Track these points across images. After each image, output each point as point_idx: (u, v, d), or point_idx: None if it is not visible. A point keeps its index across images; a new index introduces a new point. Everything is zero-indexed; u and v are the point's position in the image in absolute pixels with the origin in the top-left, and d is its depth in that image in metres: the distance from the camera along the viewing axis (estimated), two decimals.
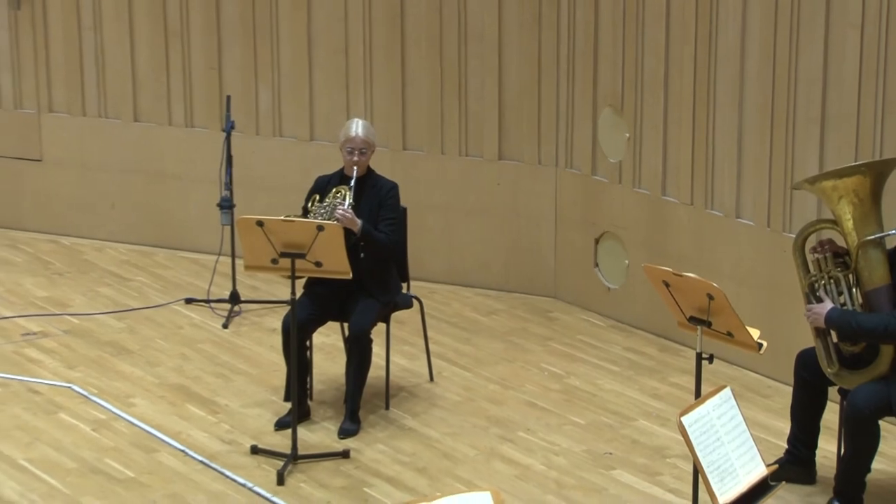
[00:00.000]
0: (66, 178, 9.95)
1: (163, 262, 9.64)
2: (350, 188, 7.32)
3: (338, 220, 7.13)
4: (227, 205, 8.65)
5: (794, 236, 6.87)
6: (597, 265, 8.91)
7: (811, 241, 6.72)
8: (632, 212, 8.63)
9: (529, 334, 8.61)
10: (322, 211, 7.29)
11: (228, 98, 8.98)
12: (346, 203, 7.25)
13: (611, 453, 7.20)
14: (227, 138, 8.70)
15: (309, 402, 7.53)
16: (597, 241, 8.87)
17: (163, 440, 7.24)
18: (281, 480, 6.83)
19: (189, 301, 8.94)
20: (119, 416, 7.49)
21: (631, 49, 8.44)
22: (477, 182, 9.12)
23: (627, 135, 8.58)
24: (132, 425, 7.39)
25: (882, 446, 6.65)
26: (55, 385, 7.83)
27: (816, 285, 6.63)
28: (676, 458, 7.06)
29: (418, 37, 9.06)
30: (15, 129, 10.00)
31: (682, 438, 5.42)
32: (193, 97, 9.61)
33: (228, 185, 8.66)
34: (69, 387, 7.81)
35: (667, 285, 6.34)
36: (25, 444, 7.18)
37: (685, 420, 5.40)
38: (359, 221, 7.22)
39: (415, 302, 7.75)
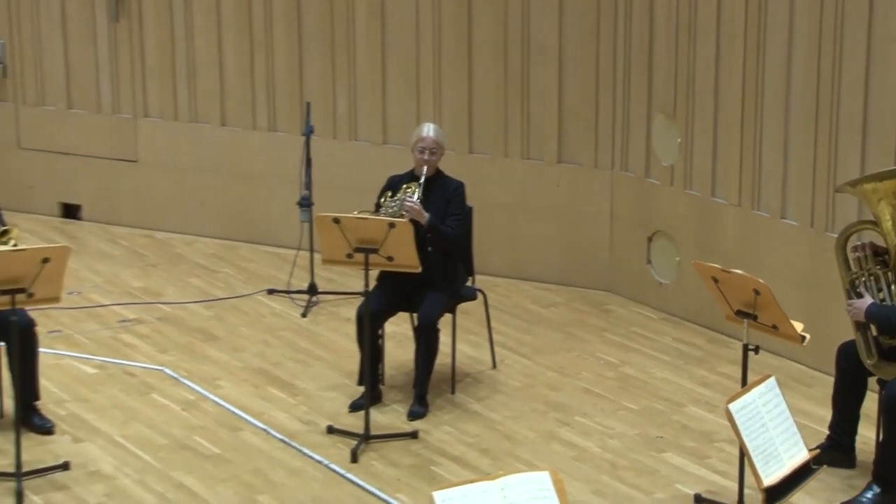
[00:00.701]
0: (160, 177, 10.01)
1: (247, 255, 9.68)
2: (419, 185, 7.32)
3: (406, 211, 7.14)
4: (306, 203, 8.68)
5: (836, 236, 6.81)
6: (649, 261, 8.86)
7: (852, 241, 6.66)
8: (683, 212, 8.58)
9: (586, 325, 8.58)
10: (392, 205, 7.30)
11: (308, 104, 9.00)
12: (415, 197, 7.25)
13: (662, 437, 7.16)
14: (307, 142, 8.72)
15: (381, 387, 7.54)
16: (650, 239, 8.83)
17: (246, 420, 7.27)
18: (354, 458, 6.84)
19: (271, 292, 8.97)
20: (206, 397, 7.53)
21: (683, 59, 8.39)
22: (538, 183, 9.10)
23: (679, 140, 8.53)
24: (218, 406, 7.43)
25: None
26: (149, 368, 7.88)
27: (857, 282, 6.58)
28: (723, 443, 7.01)
29: (484, 47, 9.05)
30: (113, 132, 10.08)
31: (729, 424, 5.38)
32: (276, 103, 9.65)
33: (308, 184, 8.68)
34: (161, 370, 7.85)
35: (715, 281, 6.31)
36: (121, 422, 7.23)
37: (732, 407, 5.36)
38: (426, 214, 7.22)
39: (479, 294, 7.74)
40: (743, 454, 5.75)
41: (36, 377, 7.04)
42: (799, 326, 6.25)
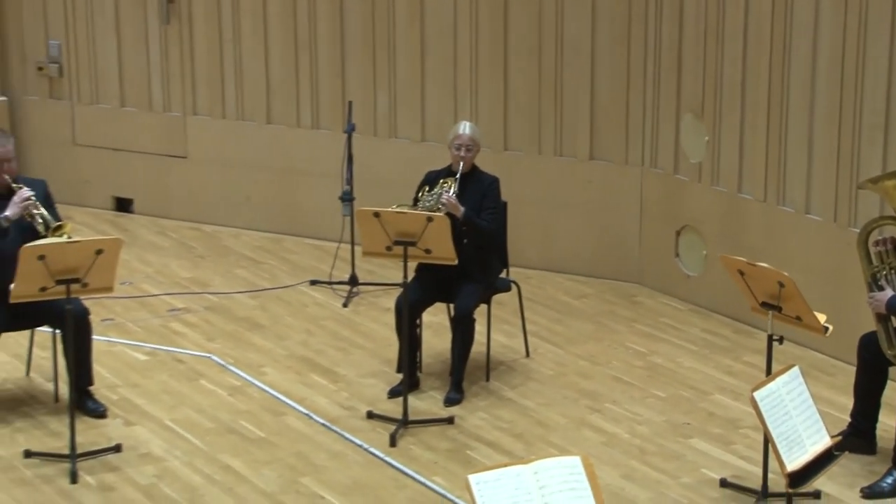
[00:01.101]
0: (208, 173, 10.05)
1: (291, 247, 9.70)
2: (456, 180, 7.32)
3: (443, 204, 7.15)
4: (347, 198, 8.69)
5: (858, 231, 6.77)
6: (677, 255, 8.83)
7: (874, 236, 6.61)
8: (710, 207, 8.54)
9: (616, 316, 8.56)
10: (430, 199, 7.30)
11: (350, 103, 9.02)
12: (452, 191, 7.25)
13: (689, 424, 7.14)
14: (349, 139, 8.73)
15: (418, 374, 7.54)
16: (678, 234, 8.80)
17: (290, 405, 7.29)
18: (393, 443, 6.84)
19: (313, 283, 8.99)
20: (252, 383, 7.55)
21: (711, 60, 8.35)
22: (570, 179, 9.08)
23: (707, 138, 8.49)
24: (263, 391, 7.45)
25: None
26: (197, 355, 7.91)
27: (878, 275, 6.54)
28: (748, 429, 6.98)
29: (520, 49, 9.03)
30: (164, 129, 10.12)
31: (753, 411, 5.36)
32: (319, 102, 9.66)
33: (349, 180, 8.69)
34: (209, 357, 7.88)
35: (741, 274, 6.28)
36: (170, 406, 7.26)
37: (757, 395, 5.34)
38: (461, 207, 7.22)
39: (513, 286, 7.73)
40: (767, 440, 5.72)
41: (90, 363, 7.08)
42: (822, 318, 6.21)
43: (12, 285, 6.40)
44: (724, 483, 6.49)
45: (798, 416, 5.42)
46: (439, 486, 6.47)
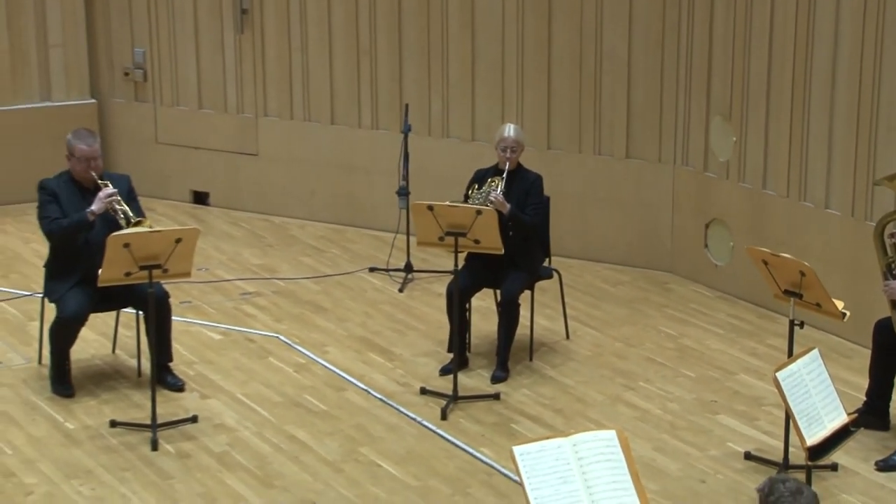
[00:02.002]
0: (277, 169, 10.08)
1: (351, 237, 9.72)
2: (502, 179, 7.30)
3: (491, 202, 7.13)
4: (403, 192, 8.69)
5: (874, 224, 6.70)
6: (706, 246, 8.77)
7: (889, 229, 6.54)
8: (737, 202, 8.48)
9: (649, 302, 8.52)
10: (479, 196, 7.28)
11: (406, 106, 9.01)
12: (499, 190, 7.24)
13: (716, 401, 7.09)
14: (405, 139, 8.73)
15: (468, 354, 7.53)
16: (706, 227, 8.74)
17: (350, 381, 7.30)
18: (444, 416, 6.84)
19: (372, 270, 9.00)
20: (316, 360, 7.57)
21: (739, 67, 8.28)
22: (608, 176, 9.04)
23: (734, 138, 8.43)
24: (326, 369, 7.47)
25: None
26: (266, 335, 7.93)
27: (893, 265, 6.47)
28: (771, 407, 6.93)
29: (562, 56, 8.99)
30: (237, 129, 10.15)
31: (776, 390, 5.32)
32: (378, 105, 9.66)
33: (405, 176, 8.69)
34: (277, 337, 7.91)
35: (766, 263, 6.23)
36: (242, 381, 7.29)
37: (779, 375, 5.30)
38: (508, 205, 7.20)
39: (555, 273, 7.71)
40: (788, 417, 5.68)
41: (169, 342, 7.12)
42: (840, 304, 6.16)
43: (100, 270, 6.44)
44: (748, 456, 6.44)
45: (817, 394, 5.37)
46: (486, 456, 6.46)
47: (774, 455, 6.39)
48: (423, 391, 7.12)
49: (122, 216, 6.83)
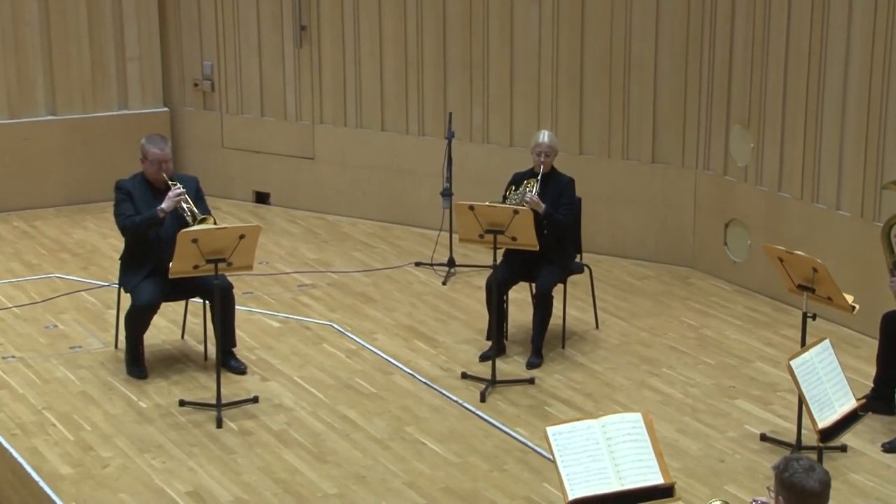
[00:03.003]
0: (331, 172, 10.09)
1: (399, 235, 9.71)
2: (537, 181, 7.27)
3: (527, 202, 7.11)
4: (447, 193, 8.67)
5: (881, 225, 6.62)
6: (726, 244, 8.70)
7: None
8: (754, 204, 8.40)
9: (672, 295, 8.46)
10: (516, 197, 7.26)
11: (450, 114, 8.99)
12: (534, 191, 7.21)
13: (734, 387, 7.04)
14: (449, 144, 8.71)
15: (505, 342, 7.51)
16: (726, 226, 8.67)
17: (397, 366, 7.30)
18: (483, 399, 6.82)
19: (418, 264, 8.99)
20: (366, 347, 7.57)
21: (757, 78, 8.21)
22: (635, 179, 8.98)
23: (752, 145, 8.35)
24: (375, 354, 7.47)
25: None
26: (320, 323, 7.94)
27: None
28: (785, 392, 6.87)
29: (593, 68, 8.95)
30: (295, 135, 10.17)
31: (790, 377, 5.27)
32: (425, 113, 9.65)
33: (448, 178, 8.67)
34: (330, 325, 7.92)
35: (781, 260, 6.18)
36: (298, 365, 7.30)
37: (793, 363, 5.25)
38: (543, 205, 7.17)
39: (586, 268, 7.67)
40: (801, 402, 5.62)
41: (233, 329, 7.14)
42: (850, 298, 6.09)
43: (171, 263, 6.48)
44: (763, 437, 6.39)
45: (828, 381, 5.32)
46: (521, 436, 6.44)
47: (788, 437, 6.33)
48: (464, 376, 7.11)
49: (188, 213, 6.85)
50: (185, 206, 6.86)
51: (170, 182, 6.94)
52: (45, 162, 10.08)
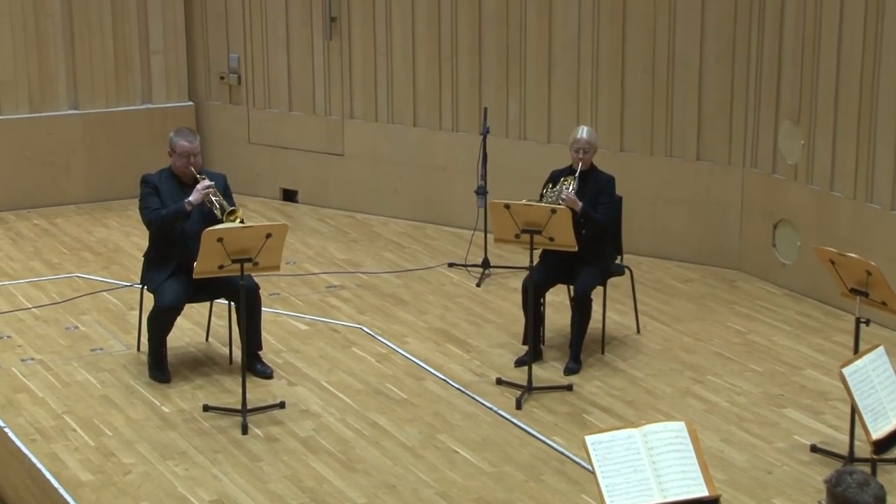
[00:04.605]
0: (361, 168, 10.09)
1: (431, 234, 9.70)
2: (575, 178, 7.24)
3: (563, 200, 7.08)
4: (482, 192, 8.65)
5: None
6: (774, 245, 8.63)
7: None
8: (804, 203, 8.33)
9: (718, 299, 8.40)
10: (552, 195, 7.23)
11: (485, 109, 8.97)
12: (571, 188, 7.18)
13: (783, 395, 6.97)
14: (484, 140, 8.69)
15: (542, 346, 7.48)
16: (775, 226, 8.60)
17: (429, 371, 7.28)
18: (519, 406, 6.80)
19: (451, 265, 8.97)
20: (396, 351, 7.56)
21: (808, 72, 8.13)
22: (678, 177, 8.93)
23: (802, 142, 8.28)
24: (406, 358, 7.45)
25: None
26: (349, 326, 7.94)
27: None
28: (836, 401, 6.79)
29: (635, 62, 8.90)
30: (324, 131, 10.19)
31: (842, 385, 5.20)
32: (458, 108, 9.63)
33: (483, 176, 8.65)
34: (360, 328, 7.91)
35: (833, 263, 6.11)
36: (327, 370, 7.30)
37: (845, 371, 5.18)
38: (580, 203, 7.14)
39: (626, 270, 7.63)
40: (854, 412, 5.55)
41: (259, 331, 7.15)
42: None
43: (195, 263, 6.48)
44: (814, 448, 6.32)
45: (882, 390, 5.25)
46: (559, 445, 6.40)
47: (840, 448, 6.26)
48: (499, 381, 7.08)
49: (217, 207, 6.88)
50: (213, 199, 6.88)
51: (198, 176, 6.96)
52: (66, 158, 10.14)
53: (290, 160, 10.36)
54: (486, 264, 8.79)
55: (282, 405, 6.77)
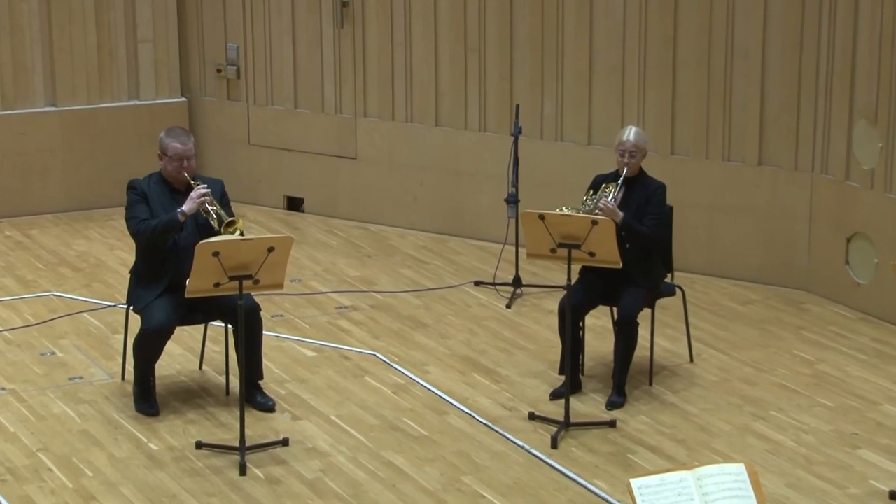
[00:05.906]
0: (376, 173, 10.13)
1: (455, 248, 9.72)
2: (617, 185, 7.25)
3: (600, 209, 7.08)
4: (513, 200, 8.67)
5: None
6: (847, 262, 8.61)
7: None
8: (882, 214, 8.31)
9: (782, 323, 8.38)
10: (589, 203, 7.24)
11: (517, 106, 8.99)
12: (611, 196, 7.19)
13: (857, 434, 6.94)
14: (515, 142, 8.71)
15: (581, 376, 7.48)
16: (848, 241, 8.58)
17: (452, 404, 7.29)
18: (555, 444, 6.79)
19: (477, 283, 8.99)
20: (416, 381, 7.57)
21: (886, 66, 8.12)
22: (738, 184, 8.93)
23: (880, 144, 8.27)
24: (427, 390, 7.46)
25: None
26: (362, 352, 7.96)
27: None
28: None
29: (688, 54, 8.91)
30: (335, 131, 10.23)
31: None
32: (487, 105, 9.66)
33: (515, 182, 8.67)
34: (374, 354, 7.93)
35: None
36: (336, 402, 7.32)
37: None
38: (620, 213, 7.13)
39: (677, 290, 7.62)
40: None
41: (260, 358, 7.17)
42: None
43: (188, 281, 6.51)
44: (893, 496, 6.30)
45: None
46: (600, 489, 6.40)
47: None
48: (532, 416, 7.08)
49: (214, 216, 6.90)
50: (209, 208, 6.91)
51: (192, 182, 6.99)
52: (43, 161, 10.21)
53: (296, 164, 10.40)
54: (517, 283, 8.80)
55: (285, 442, 6.78)
